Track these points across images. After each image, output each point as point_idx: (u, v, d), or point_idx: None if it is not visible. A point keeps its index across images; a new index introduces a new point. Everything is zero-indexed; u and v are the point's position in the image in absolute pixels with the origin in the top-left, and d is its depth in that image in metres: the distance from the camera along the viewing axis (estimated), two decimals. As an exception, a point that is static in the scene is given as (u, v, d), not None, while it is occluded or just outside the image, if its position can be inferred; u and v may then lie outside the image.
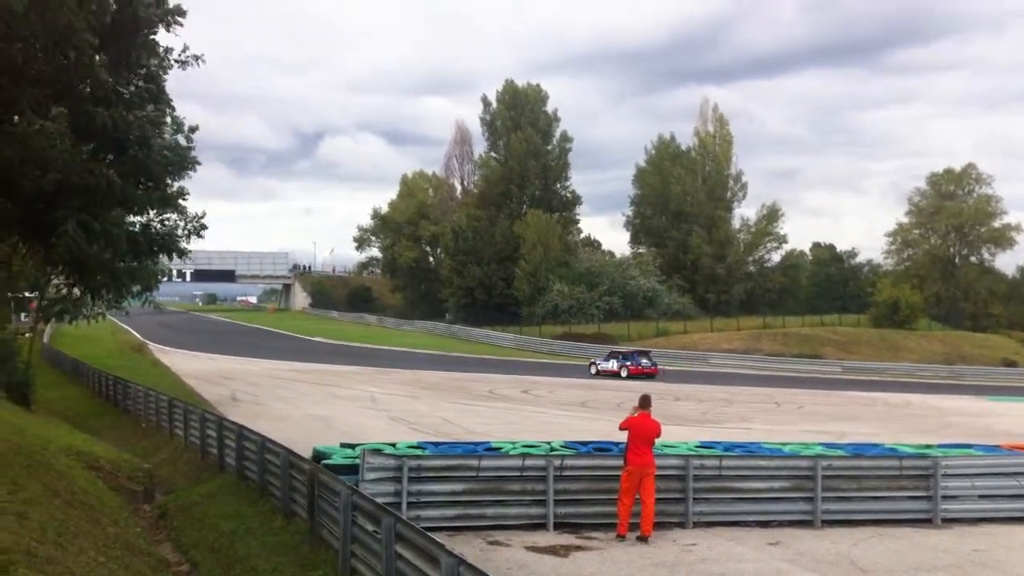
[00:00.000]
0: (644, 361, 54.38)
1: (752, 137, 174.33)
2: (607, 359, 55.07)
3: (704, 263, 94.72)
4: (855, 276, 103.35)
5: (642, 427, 13.72)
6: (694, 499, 14.77)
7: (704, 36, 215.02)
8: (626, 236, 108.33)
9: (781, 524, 14.96)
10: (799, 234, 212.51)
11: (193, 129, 15.34)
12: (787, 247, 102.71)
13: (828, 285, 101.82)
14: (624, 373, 52.77)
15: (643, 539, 13.53)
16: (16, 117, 11.94)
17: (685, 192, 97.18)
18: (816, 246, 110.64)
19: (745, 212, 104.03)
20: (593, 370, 54.52)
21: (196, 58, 14.18)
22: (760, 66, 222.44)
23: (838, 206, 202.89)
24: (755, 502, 15.20)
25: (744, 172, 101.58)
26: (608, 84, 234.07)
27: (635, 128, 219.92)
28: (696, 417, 31.59)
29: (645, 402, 14.05)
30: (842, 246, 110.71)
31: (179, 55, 14.12)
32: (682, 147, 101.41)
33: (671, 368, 58.47)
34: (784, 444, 18.42)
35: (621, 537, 13.62)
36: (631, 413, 14.05)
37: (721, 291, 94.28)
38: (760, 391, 45.01)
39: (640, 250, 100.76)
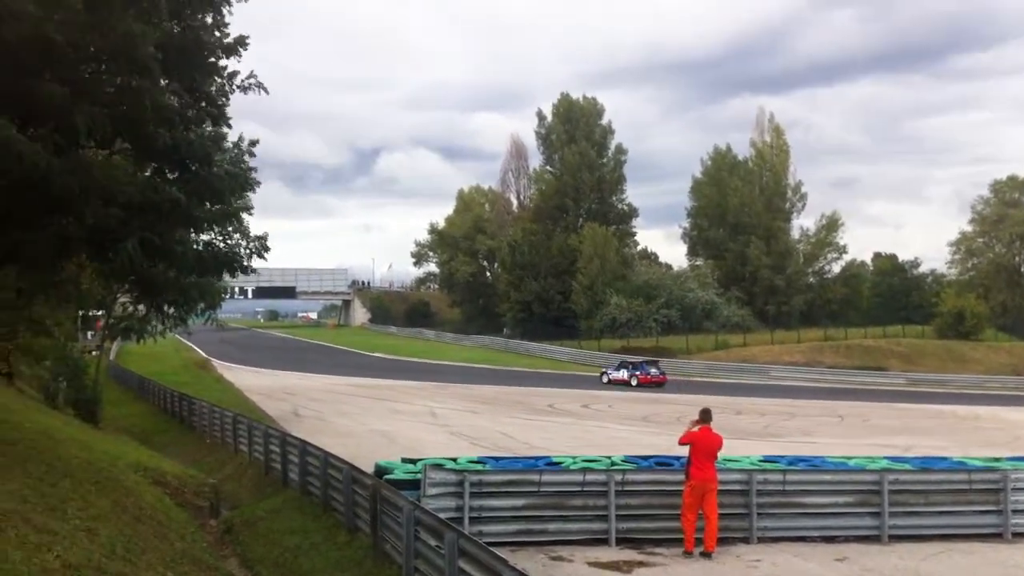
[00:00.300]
0: (653, 371, 55.45)
1: (808, 146, 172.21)
2: (618, 368, 56.38)
3: (763, 275, 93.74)
4: (918, 286, 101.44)
5: (704, 441, 13.61)
6: (758, 514, 14.59)
7: (760, 45, 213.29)
8: (683, 248, 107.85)
9: (847, 539, 14.74)
10: (859, 244, 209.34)
11: (254, 143, 15.53)
12: (847, 257, 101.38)
13: (891, 296, 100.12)
14: (634, 382, 54.12)
15: (707, 555, 13.41)
16: (80, 148, 12.18)
17: (743, 203, 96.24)
18: (877, 256, 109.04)
19: (804, 223, 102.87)
20: (605, 379, 55.93)
21: (260, 86, 14.37)
22: (816, 74, 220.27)
23: (899, 215, 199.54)
24: (820, 517, 14.99)
25: (803, 182, 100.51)
26: (662, 95, 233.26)
27: (690, 139, 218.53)
28: (758, 431, 31.26)
29: (706, 416, 13.92)
30: (904, 256, 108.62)
31: (242, 81, 14.32)
32: (739, 158, 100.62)
33: (730, 382, 57.98)
34: (849, 458, 18.17)
35: (688, 553, 13.48)
36: (690, 427, 13.94)
37: (781, 303, 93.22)
38: (823, 404, 44.43)
39: (698, 262, 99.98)
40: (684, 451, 14.00)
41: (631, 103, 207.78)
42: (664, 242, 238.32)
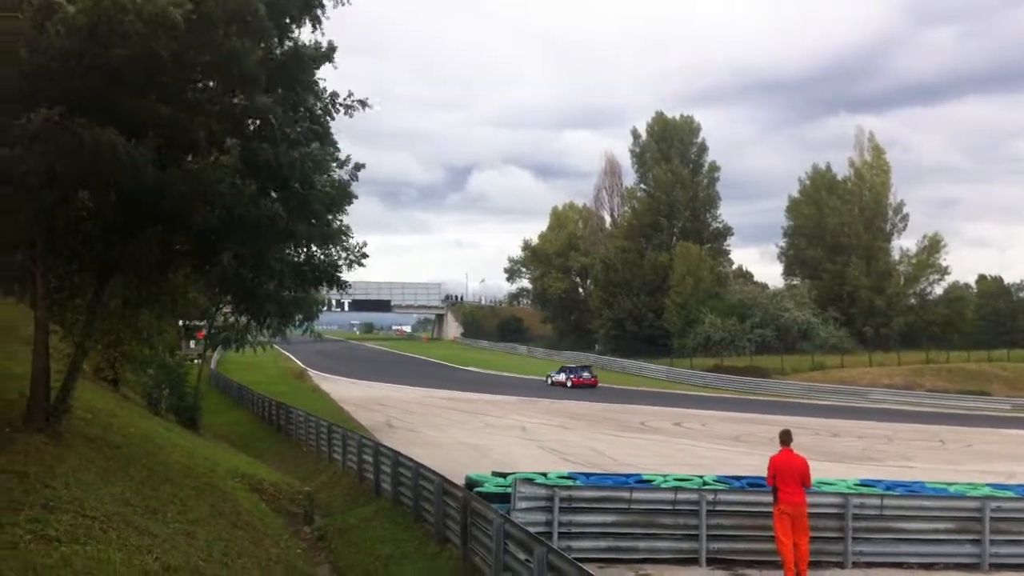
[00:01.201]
0: (585, 374, 63.92)
1: (906, 166, 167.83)
2: (559, 372, 65.05)
3: (862, 295, 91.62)
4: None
5: (787, 464, 13.23)
6: (853, 538, 14.28)
7: (857, 64, 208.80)
8: (777, 267, 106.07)
9: (946, 567, 14.34)
10: (962, 266, 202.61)
11: (359, 167, 15.83)
12: (950, 279, 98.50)
13: (995, 319, 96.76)
14: (569, 384, 61.92)
15: None
16: (190, 156, 12.57)
17: (842, 223, 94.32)
18: (982, 278, 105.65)
19: (905, 243, 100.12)
20: (548, 382, 64.19)
21: (362, 103, 14.64)
22: (915, 94, 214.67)
23: (1004, 237, 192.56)
24: (918, 543, 14.59)
25: (905, 202, 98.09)
26: (757, 114, 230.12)
27: (785, 158, 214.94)
28: (855, 454, 30.55)
29: (785, 437, 13.48)
30: (1010, 278, 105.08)
31: (344, 99, 14.60)
32: (837, 177, 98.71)
33: (827, 403, 56.83)
34: (949, 484, 17.68)
35: None
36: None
37: (880, 324, 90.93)
38: (922, 428, 43.18)
39: (794, 282, 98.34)
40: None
41: (725, 122, 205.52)
42: (759, 261, 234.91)
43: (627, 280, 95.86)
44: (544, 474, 16.51)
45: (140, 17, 10.49)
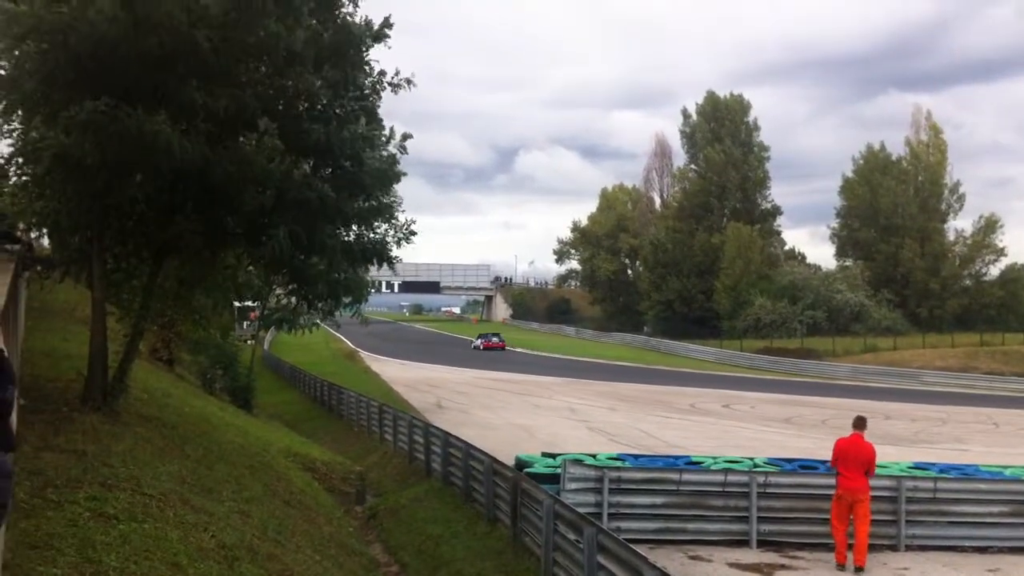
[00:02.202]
0: (495, 339, 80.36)
1: (958, 145, 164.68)
2: (478, 338, 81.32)
3: (916, 277, 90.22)
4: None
5: (850, 449, 13.08)
6: (907, 522, 14.13)
7: (914, 42, 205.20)
8: (828, 248, 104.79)
9: (1000, 551, 14.12)
10: (1019, 246, 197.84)
11: (406, 137, 15.83)
12: (1007, 260, 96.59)
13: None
14: (481, 347, 77.52)
15: (859, 570, 12.83)
16: (240, 138, 12.69)
17: (896, 203, 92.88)
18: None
19: (960, 224, 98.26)
20: (472, 346, 79.18)
21: (408, 81, 14.69)
22: (969, 72, 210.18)
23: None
24: (972, 527, 14.40)
25: (961, 182, 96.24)
26: (808, 93, 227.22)
27: (837, 138, 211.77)
28: (908, 437, 30.19)
29: (858, 423, 13.31)
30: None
31: (392, 78, 14.67)
32: (891, 156, 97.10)
33: (879, 386, 56.19)
34: (1005, 467, 17.41)
35: (840, 566, 12.97)
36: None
37: (934, 306, 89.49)
38: (977, 411, 42.48)
39: (847, 263, 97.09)
40: (830, 455, 13.63)
41: (775, 101, 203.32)
42: (808, 242, 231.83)
43: (676, 261, 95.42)
44: (593, 455, 16.53)
45: (178, 7, 10.65)
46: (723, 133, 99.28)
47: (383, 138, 15.71)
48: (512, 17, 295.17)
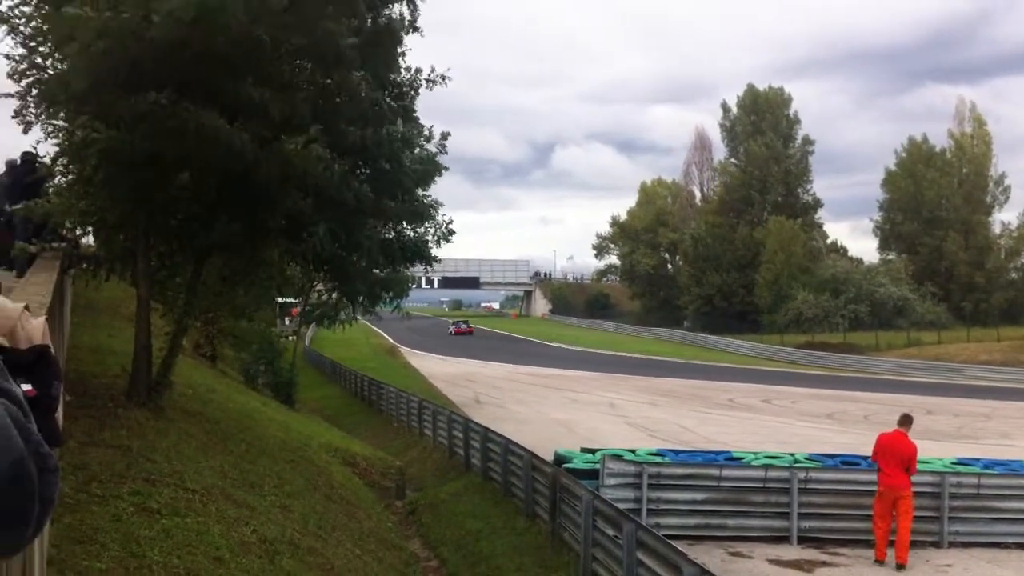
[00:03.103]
0: (463, 325, 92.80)
1: (1000, 137, 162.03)
2: (452, 324, 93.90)
3: (960, 270, 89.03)
4: None
5: (890, 445, 12.98)
6: (949, 518, 13.99)
7: (954, 33, 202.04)
8: (869, 242, 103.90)
9: (1046, 547, 13.96)
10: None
11: (445, 136, 15.92)
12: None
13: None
14: (452, 331, 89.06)
15: (901, 567, 12.76)
16: (283, 136, 12.80)
17: (940, 196, 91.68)
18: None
19: (1005, 216, 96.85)
20: (449, 331, 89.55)
21: (443, 77, 14.78)
22: (1009, 64, 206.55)
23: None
24: (1017, 523, 14.26)
25: (1007, 175, 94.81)
26: (848, 85, 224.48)
27: (876, 131, 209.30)
28: (951, 432, 29.83)
29: (903, 420, 13.22)
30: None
31: (428, 75, 14.77)
32: (935, 148, 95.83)
33: (922, 380, 55.53)
34: (1051, 463, 17.15)
35: (879, 562, 12.92)
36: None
37: (980, 300, 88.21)
38: (1023, 406, 41.91)
39: (890, 256, 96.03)
40: (871, 450, 13.53)
41: (814, 93, 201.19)
42: (849, 236, 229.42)
43: (717, 255, 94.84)
44: (632, 451, 16.50)
45: (242, 8, 10.75)
46: (764, 126, 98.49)
47: (423, 137, 15.80)
48: (545, 13, 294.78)
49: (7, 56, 12.17)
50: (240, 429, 15.94)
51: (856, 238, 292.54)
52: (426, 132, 16.22)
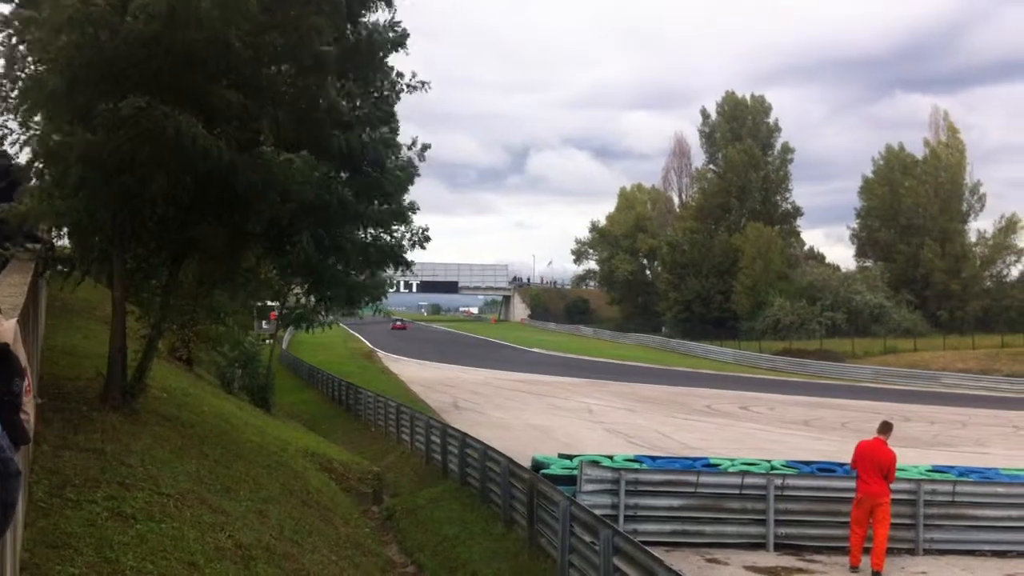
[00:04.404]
0: (399, 322, 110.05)
1: (974, 146, 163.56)
2: (392, 322, 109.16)
3: (936, 278, 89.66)
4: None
5: (868, 453, 13.02)
6: (925, 525, 14.06)
7: (929, 44, 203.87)
8: (843, 249, 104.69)
9: (1020, 555, 14.02)
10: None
11: (426, 147, 15.95)
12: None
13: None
14: (391, 328, 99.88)
15: (876, 574, 12.78)
16: (262, 144, 12.74)
17: (917, 204, 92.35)
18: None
19: (981, 225, 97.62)
20: (391, 327, 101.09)
21: (423, 83, 14.79)
22: (983, 74, 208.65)
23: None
24: (992, 531, 14.31)
25: (982, 183, 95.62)
26: (823, 94, 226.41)
27: (851, 139, 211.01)
28: (927, 439, 30.03)
29: (882, 428, 13.24)
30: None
31: (409, 80, 14.77)
32: (913, 157, 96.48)
33: (898, 388, 55.86)
34: (1025, 471, 17.27)
35: (854, 568, 12.95)
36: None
37: (955, 308, 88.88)
38: (998, 414, 42.16)
39: (866, 264, 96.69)
40: (849, 457, 13.59)
41: (788, 102, 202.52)
42: (824, 242, 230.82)
43: (695, 262, 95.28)
44: (610, 457, 16.50)
45: (215, 2, 10.68)
46: (743, 133, 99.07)
47: (402, 143, 15.81)
48: (520, 19, 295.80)
49: None
50: (216, 433, 15.84)
51: (831, 245, 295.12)
52: (407, 142, 16.25)
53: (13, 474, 1.48)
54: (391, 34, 14.09)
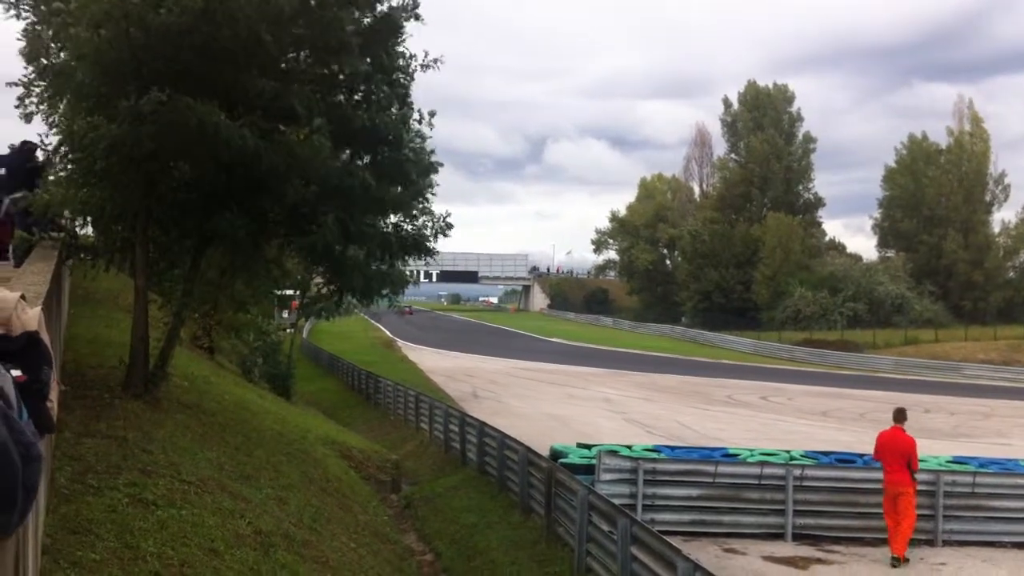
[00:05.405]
0: (407, 309, 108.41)
1: (998, 135, 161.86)
2: (400, 308, 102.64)
3: (959, 269, 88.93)
4: None
5: (891, 442, 13.04)
6: (944, 516, 14.02)
7: (956, 31, 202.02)
8: (864, 239, 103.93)
9: (1041, 547, 13.98)
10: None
11: (432, 114, 15.83)
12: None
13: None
14: (397, 313, 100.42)
15: (895, 560, 12.81)
16: (283, 127, 12.77)
17: (940, 194, 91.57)
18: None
19: (1005, 215, 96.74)
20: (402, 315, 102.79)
21: (435, 61, 14.77)
22: (1007, 62, 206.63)
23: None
24: (1012, 522, 14.27)
25: (1007, 172, 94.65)
26: (846, 82, 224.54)
27: (872, 128, 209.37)
28: (947, 431, 29.88)
29: (897, 416, 13.26)
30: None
31: (423, 60, 14.75)
32: (936, 146, 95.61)
33: (919, 378, 55.56)
34: (1047, 463, 17.18)
35: (895, 557, 12.93)
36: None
37: (978, 298, 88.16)
38: (1020, 405, 41.80)
39: (889, 254, 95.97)
40: (868, 448, 13.57)
41: (809, 90, 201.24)
42: (844, 232, 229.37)
43: (716, 252, 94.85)
44: (628, 446, 16.52)
45: (251, 3, 10.76)
46: (765, 122, 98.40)
47: (416, 120, 15.77)
48: (538, 8, 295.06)
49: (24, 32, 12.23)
50: (237, 421, 15.93)
51: (851, 235, 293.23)
52: (416, 116, 16.20)
53: (35, 458, 1.51)
54: (403, 14, 14.09)
